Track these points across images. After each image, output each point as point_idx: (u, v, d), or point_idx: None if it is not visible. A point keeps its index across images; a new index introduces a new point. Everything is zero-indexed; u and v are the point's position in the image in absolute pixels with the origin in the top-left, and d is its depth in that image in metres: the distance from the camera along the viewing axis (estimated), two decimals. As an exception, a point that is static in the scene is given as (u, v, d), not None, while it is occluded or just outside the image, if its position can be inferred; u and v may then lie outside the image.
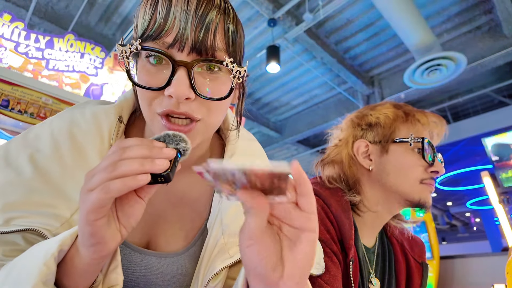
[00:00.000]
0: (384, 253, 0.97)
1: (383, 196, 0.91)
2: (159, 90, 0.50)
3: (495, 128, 5.56)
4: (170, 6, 0.50)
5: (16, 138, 0.59)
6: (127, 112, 0.67)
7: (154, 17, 0.50)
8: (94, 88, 2.99)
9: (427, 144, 0.88)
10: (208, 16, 0.50)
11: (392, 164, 0.88)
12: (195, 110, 0.51)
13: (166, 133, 0.46)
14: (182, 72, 0.49)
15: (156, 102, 0.52)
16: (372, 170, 0.91)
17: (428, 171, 0.87)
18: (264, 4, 4.40)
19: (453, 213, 13.76)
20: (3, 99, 2.39)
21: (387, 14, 4.10)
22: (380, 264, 0.94)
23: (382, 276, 0.93)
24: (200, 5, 0.50)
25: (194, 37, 0.49)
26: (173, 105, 0.50)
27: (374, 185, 0.92)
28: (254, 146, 0.75)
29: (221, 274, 0.57)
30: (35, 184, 0.53)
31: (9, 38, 2.65)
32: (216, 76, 0.53)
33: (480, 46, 5.09)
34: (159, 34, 0.50)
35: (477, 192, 10.06)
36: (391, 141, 0.89)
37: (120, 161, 0.39)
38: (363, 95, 6.49)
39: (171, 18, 0.49)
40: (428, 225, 4.32)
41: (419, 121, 0.92)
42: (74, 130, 0.59)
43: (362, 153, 0.93)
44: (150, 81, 0.51)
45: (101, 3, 4.95)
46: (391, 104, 0.96)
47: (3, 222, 0.49)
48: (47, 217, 0.51)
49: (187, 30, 0.49)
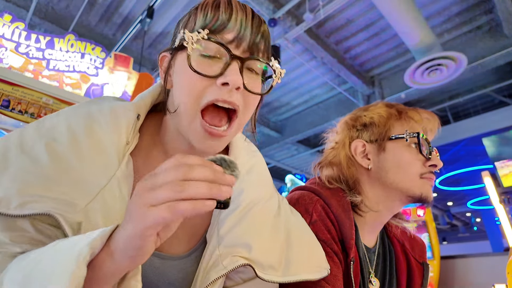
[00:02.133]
0: (385, 253, 0.97)
1: (384, 194, 0.91)
2: (212, 78, 0.55)
3: (496, 128, 5.56)
4: (232, 10, 0.58)
5: (30, 127, 0.58)
6: (145, 111, 0.68)
7: (216, 15, 0.57)
8: (94, 88, 3.00)
9: (423, 139, 0.89)
10: (261, 27, 0.61)
11: (390, 161, 0.89)
12: (239, 101, 0.57)
13: (222, 157, 0.45)
14: (236, 65, 0.55)
15: (207, 91, 0.56)
16: (371, 169, 0.92)
17: (426, 165, 0.88)
18: (265, 4, 4.40)
19: (454, 213, 13.75)
20: (4, 99, 2.39)
21: (387, 14, 4.10)
22: (381, 264, 0.95)
23: (382, 276, 0.93)
24: (255, 17, 0.61)
25: (251, 39, 0.58)
26: (225, 94, 0.55)
27: (374, 184, 0.92)
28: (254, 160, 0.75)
29: (217, 282, 0.58)
30: (51, 172, 0.52)
31: (9, 39, 2.65)
32: (255, 77, 0.60)
33: (481, 46, 5.09)
34: (222, 30, 0.56)
35: (477, 192, 10.06)
36: (387, 139, 0.91)
37: (187, 181, 0.38)
38: (364, 95, 6.49)
39: (233, 19, 0.57)
40: (429, 225, 4.32)
41: (412, 118, 0.93)
42: (92, 124, 0.59)
43: (360, 153, 0.94)
44: (203, 70, 0.55)
45: (102, 3, 4.96)
46: (383, 103, 0.98)
47: (17, 205, 0.48)
48: (62, 204, 0.50)
49: (246, 32, 0.58)
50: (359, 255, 0.86)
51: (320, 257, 0.71)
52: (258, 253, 0.60)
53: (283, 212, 0.71)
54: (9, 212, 0.48)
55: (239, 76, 0.54)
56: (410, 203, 0.91)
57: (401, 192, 0.88)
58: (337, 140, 1.00)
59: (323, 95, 6.85)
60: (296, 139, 7.57)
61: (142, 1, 4.81)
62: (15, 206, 0.48)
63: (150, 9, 4.43)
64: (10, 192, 0.49)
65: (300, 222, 0.75)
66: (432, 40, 4.34)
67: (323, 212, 0.84)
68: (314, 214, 0.84)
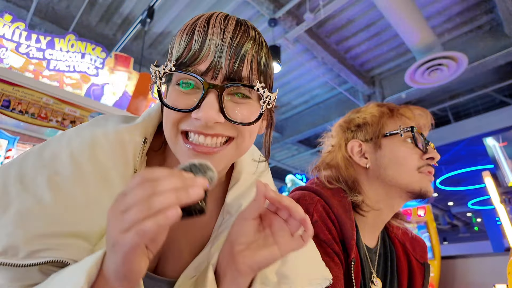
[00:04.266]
0: (386, 253, 0.98)
1: (384, 192, 0.92)
2: (187, 112, 0.51)
3: (497, 128, 5.55)
4: (206, 35, 0.51)
5: (29, 155, 0.55)
6: (152, 132, 0.64)
7: (189, 45, 0.52)
8: (95, 88, 3.00)
9: (417, 133, 0.90)
10: (244, 47, 0.52)
11: (387, 157, 0.90)
12: (225, 130, 0.52)
13: (191, 163, 0.44)
14: (213, 96, 0.50)
15: (182, 122, 0.52)
16: (369, 168, 0.93)
17: (424, 158, 0.89)
18: (265, 4, 4.40)
19: (455, 213, 13.74)
20: (4, 99, 2.39)
21: (388, 14, 4.10)
22: (382, 264, 0.95)
23: (384, 276, 0.94)
24: (235, 36, 0.52)
25: (228, 67, 0.51)
26: (203, 127, 0.51)
27: (374, 183, 0.93)
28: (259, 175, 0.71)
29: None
30: (56, 212, 0.49)
31: (10, 39, 2.66)
32: (246, 102, 0.54)
33: (481, 46, 5.08)
34: (194, 62, 0.51)
35: (478, 192, 10.05)
36: (382, 136, 0.92)
37: (153, 196, 0.36)
38: (364, 95, 6.48)
39: (206, 47, 0.50)
40: (430, 225, 4.31)
41: (404, 115, 0.94)
42: (96, 151, 0.55)
43: (356, 152, 0.96)
44: (179, 103, 0.51)
45: (102, 4, 4.96)
46: (374, 104, 1.00)
47: (26, 255, 0.46)
48: (72, 248, 0.48)
49: (221, 59, 0.50)
50: (360, 256, 0.86)
51: (320, 267, 0.68)
52: None
53: None
54: (18, 262, 0.45)
55: (213, 110, 0.49)
56: (410, 199, 0.91)
57: (400, 188, 0.89)
58: (333, 143, 1.01)
59: (323, 95, 6.85)
60: (297, 139, 7.56)
61: (142, 1, 4.81)
62: (24, 256, 0.46)
63: (150, 9, 4.43)
64: (16, 239, 0.46)
65: None
66: (432, 40, 4.34)
67: (324, 213, 0.84)
68: (315, 214, 0.84)
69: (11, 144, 2.43)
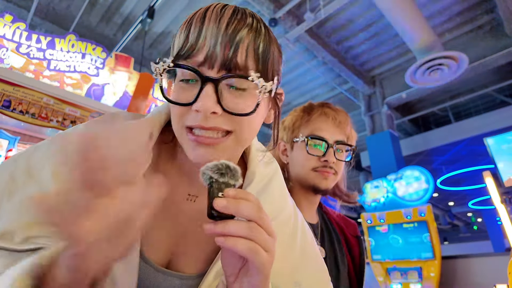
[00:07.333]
0: (328, 228, 1.19)
1: (297, 183, 1.13)
2: (188, 106, 0.52)
3: (497, 127, 5.55)
4: (202, 26, 0.52)
5: (40, 148, 0.56)
6: (159, 127, 0.64)
7: (187, 37, 0.53)
8: (95, 88, 3.00)
9: (314, 139, 1.09)
10: (239, 35, 0.52)
11: (295, 158, 1.14)
12: (224, 123, 0.53)
13: (227, 164, 0.46)
14: (210, 88, 0.50)
15: (185, 117, 0.53)
16: (288, 164, 1.17)
17: (321, 160, 1.08)
18: (265, 4, 4.41)
19: (455, 213, 13.73)
20: (5, 99, 2.40)
21: (388, 13, 4.10)
22: (327, 237, 1.14)
23: (330, 246, 1.12)
24: (230, 24, 0.52)
25: (223, 56, 0.51)
26: (201, 120, 0.51)
27: (292, 176, 1.16)
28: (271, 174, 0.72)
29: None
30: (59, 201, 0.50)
31: (10, 39, 2.66)
32: (244, 93, 0.53)
33: (482, 46, 5.08)
34: (191, 53, 0.51)
35: (479, 192, 10.04)
36: (292, 141, 1.15)
37: None
38: (364, 95, 6.48)
39: (202, 38, 0.51)
40: (430, 225, 4.31)
41: (312, 121, 1.13)
42: None
43: (282, 151, 1.19)
44: (181, 97, 0.53)
45: (102, 4, 4.96)
46: (301, 108, 1.19)
47: (21, 241, 0.46)
48: None
49: (216, 48, 0.51)
50: None
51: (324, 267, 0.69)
52: None
53: (300, 231, 0.69)
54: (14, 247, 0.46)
55: (210, 101, 0.50)
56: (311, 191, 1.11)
57: (300, 182, 1.11)
58: None
59: (324, 95, 6.85)
60: (297, 139, 7.57)
61: (142, 1, 4.81)
62: (19, 242, 0.46)
63: (150, 9, 4.43)
64: (14, 225, 0.47)
65: (312, 238, 0.74)
66: (433, 40, 4.33)
67: None
68: None
69: (12, 144, 2.43)
